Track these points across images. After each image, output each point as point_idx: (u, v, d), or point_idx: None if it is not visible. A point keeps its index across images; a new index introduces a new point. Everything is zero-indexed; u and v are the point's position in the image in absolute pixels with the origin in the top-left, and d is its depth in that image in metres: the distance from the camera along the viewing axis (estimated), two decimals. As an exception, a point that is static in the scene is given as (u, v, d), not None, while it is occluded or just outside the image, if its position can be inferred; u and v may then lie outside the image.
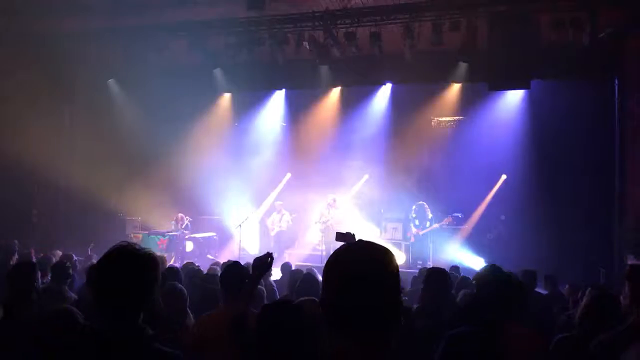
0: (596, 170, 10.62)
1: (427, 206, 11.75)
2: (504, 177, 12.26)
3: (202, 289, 4.94)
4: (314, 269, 6.93)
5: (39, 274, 4.25)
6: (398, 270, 1.49)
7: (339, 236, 3.61)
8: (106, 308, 1.90)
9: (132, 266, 1.91)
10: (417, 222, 11.76)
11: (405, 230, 12.09)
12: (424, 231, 11.59)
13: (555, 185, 10.92)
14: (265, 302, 4.68)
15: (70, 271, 5.00)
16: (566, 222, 10.57)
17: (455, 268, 7.78)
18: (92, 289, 1.94)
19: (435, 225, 11.53)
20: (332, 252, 1.53)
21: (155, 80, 11.95)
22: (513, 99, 11.95)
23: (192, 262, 7.77)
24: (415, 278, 7.07)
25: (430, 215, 11.69)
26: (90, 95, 13.20)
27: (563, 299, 6.27)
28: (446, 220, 11.45)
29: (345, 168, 13.67)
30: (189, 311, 3.93)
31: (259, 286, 5.16)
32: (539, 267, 8.30)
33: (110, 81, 13.41)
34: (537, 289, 6.40)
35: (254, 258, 2.95)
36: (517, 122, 11.74)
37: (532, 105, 11.56)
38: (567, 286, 6.10)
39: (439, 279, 4.07)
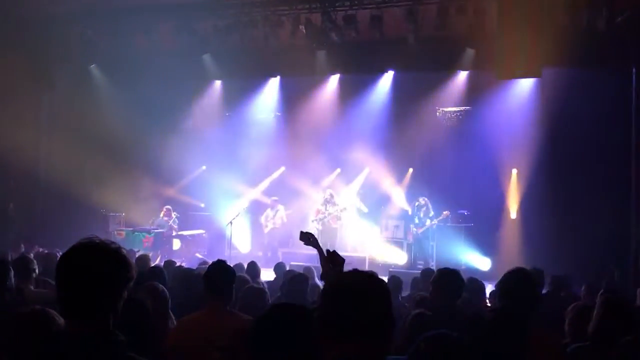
0: (612, 164, 10.57)
1: (428, 203, 11.70)
2: (514, 171, 12.25)
3: (188, 290, 4.92)
4: (313, 269, 6.93)
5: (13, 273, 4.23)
6: (389, 294, 1.76)
7: (302, 236, 3.89)
8: (68, 309, 1.83)
9: (96, 262, 1.82)
10: (416, 221, 11.74)
11: (407, 229, 12.07)
12: (422, 229, 11.57)
13: (568, 181, 10.88)
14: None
15: (34, 267, 4.93)
16: (579, 219, 10.54)
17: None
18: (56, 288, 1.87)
19: (434, 222, 11.48)
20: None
21: (140, 66, 11.90)
22: (523, 88, 11.86)
23: (173, 261, 7.73)
24: (415, 280, 7.01)
25: (431, 213, 11.67)
26: (70, 82, 13.13)
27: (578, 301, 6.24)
28: (444, 215, 11.41)
29: (344, 161, 13.65)
30: (171, 314, 3.90)
31: (256, 285, 5.17)
32: (550, 266, 8.32)
33: (93, 67, 13.33)
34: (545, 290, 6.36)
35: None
36: (527, 113, 11.65)
37: (544, 95, 11.49)
38: (583, 287, 6.08)
39: (449, 281, 3.93)
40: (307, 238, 3.87)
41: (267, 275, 8.22)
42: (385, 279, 7.14)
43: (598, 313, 3.29)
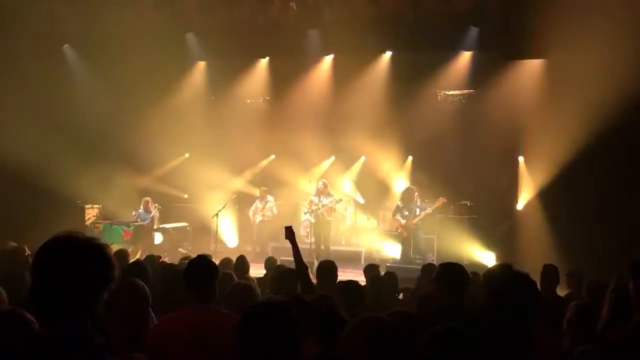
0: (632, 152, 10.55)
1: (416, 192, 11.57)
2: (521, 159, 12.29)
3: (171, 287, 4.94)
4: (306, 264, 6.94)
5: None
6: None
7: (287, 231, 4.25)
8: (43, 310, 1.81)
9: (78, 259, 1.79)
10: (406, 212, 11.59)
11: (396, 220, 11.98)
12: (416, 219, 11.45)
13: (580, 169, 10.86)
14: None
15: None
16: (593, 211, 10.55)
17: None
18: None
19: (428, 211, 11.38)
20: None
21: (117, 46, 11.79)
22: (531, 69, 11.89)
23: (155, 256, 7.73)
24: (420, 277, 7.02)
25: (418, 203, 11.52)
26: (41, 64, 13.02)
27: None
28: (439, 202, 11.29)
29: (339, 149, 13.66)
30: (152, 312, 3.90)
31: (245, 281, 5.20)
32: (560, 262, 8.35)
33: (65, 47, 13.25)
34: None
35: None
36: (535, 97, 11.67)
37: (554, 77, 11.45)
38: (585, 283, 6.11)
39: (454, 275, 3.94)
40: (286, 232, 4.06)
41: (257, 271, 8.24)
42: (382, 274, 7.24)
43: (608, 312, 3.30)
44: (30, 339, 1.83)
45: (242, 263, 6.82)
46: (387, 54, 13.00)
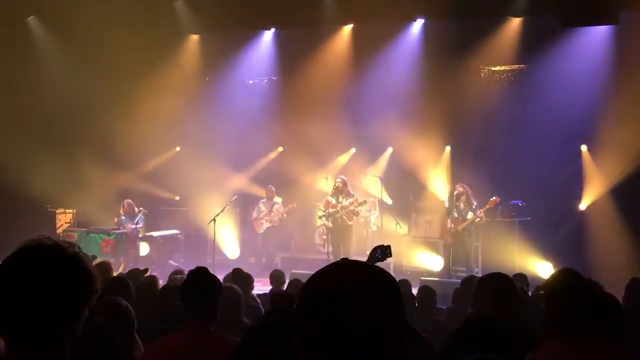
0: None
1: (469, 192, 11.51)
2: (584, 148, 12.16)
3: (160, 307, 4.93)
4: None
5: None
6: (396, 295, 1.53)
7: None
8: (11, 336, 1.77)
9: (49, 272, 1.77)
10: (455, 214, 11.51)
11: (444, 225, 11.95)
12: (463, 225, 11.38)
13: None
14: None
15: None
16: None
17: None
18: None
19: (480, 214, 11.26)
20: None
21: (93, 18, 11.81)
22: (595, 38, 11.79)
23: (140, 269, 7.72)
24: (457, 291, 6.99)
25: (474, 204, 11.46)
26: (2, 38, 13.10)
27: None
28: (491, 202, 11.21)
29: (361, 138, 13.60)
30: (138, 337, 3.90)
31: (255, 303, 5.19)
32: (631, 274, 8.27)
33: (30, 19, 13.30)
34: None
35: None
36: (600, 72, 11.61)
37: (623, 48, 11.43)
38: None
39: (503, 290, 3.85)
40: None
41: (263, 288, 8.23)
42: (416, 290, 7.20)
43: None
44: None
45: (241, 278, 6.73)
46: (419, 22, 12.94)
